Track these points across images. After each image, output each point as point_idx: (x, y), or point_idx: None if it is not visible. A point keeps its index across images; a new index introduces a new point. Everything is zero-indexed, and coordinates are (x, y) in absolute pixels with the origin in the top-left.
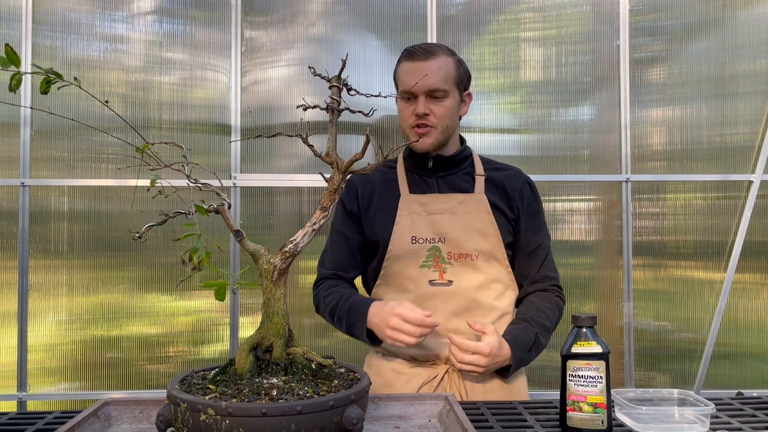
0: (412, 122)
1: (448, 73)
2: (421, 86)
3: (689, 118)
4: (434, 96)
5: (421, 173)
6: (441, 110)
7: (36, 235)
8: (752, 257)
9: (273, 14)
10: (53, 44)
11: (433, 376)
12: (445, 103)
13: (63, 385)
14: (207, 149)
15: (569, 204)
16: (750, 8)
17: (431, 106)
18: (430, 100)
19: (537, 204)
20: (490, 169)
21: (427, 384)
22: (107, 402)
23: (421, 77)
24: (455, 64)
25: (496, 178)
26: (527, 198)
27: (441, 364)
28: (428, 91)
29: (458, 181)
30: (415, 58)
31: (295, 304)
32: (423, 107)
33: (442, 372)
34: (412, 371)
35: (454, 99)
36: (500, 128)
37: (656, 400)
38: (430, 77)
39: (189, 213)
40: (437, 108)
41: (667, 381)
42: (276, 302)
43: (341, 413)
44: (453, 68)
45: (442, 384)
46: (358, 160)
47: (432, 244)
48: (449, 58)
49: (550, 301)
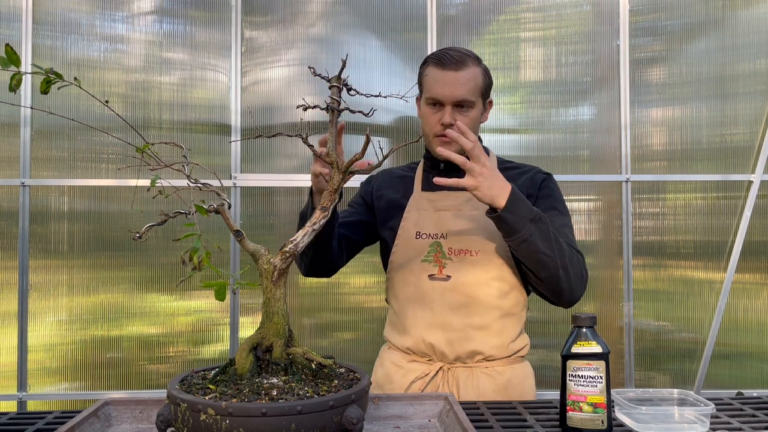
0: (438, 131)
1: (477, 84)
2: (451, 97)
3: (689, 118)
4: (461, 106)
5: (435, 173)
6: (466, 120)
7: (36, 235)
8: (752, 257)
9: (273, 14)
10: (53, 44)
11: (425, 373)
12: (470, 114)
13: (63, 385)
14: (207, 149)
15: (569, 204)
16: (750, 8)
17: (457, 115)
18: (456, 110)
19: (551, 189)
20: (504, 168)
21: (420, 380)
22: (107, 402)
23: (450, 88)
24: (483, 74)
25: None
26: (540, 184)
27: (436, 362)
28: (456, 102)
29: None
30: (445, 66)
31: (295, 304)
32: (449, 118)
33: (435, 369)
34: (408, 365)
35: (479, 109)
36: (500, 128)
37: (656, 400)
38: (460, 89)
39: (189, 213)
40: (463, 118)
41: (667, 381)
42: (276, 302)
43: (341, 413)
44: (481, 79)
45: (434, 380)
46: (358, 160)
47: (434, 239)
48: (477, 68)
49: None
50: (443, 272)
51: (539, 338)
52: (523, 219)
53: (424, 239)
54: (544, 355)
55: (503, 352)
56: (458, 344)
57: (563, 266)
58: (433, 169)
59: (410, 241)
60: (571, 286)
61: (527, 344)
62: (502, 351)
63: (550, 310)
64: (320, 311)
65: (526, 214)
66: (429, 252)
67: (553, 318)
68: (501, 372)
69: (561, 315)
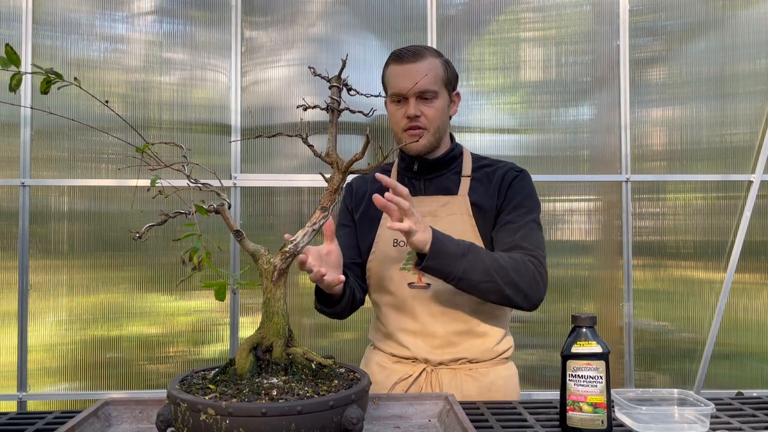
0: (404, 125)
1: (437, 74)
2: (411, 88)
3: (689, 118)
4: (424, 98)
5: (410, 176)
6: (432, 111)
7: (36, 235)
8: (752, 257)
9: (273, 14)
10: (53, 44)
11: (409, 374)
12: (435, 104)
13: (63, 385)
14: (207, 149)
15: (569, 204)
16: (750, 8)
17: (422, 107)
18: (420, 102)
19: (520, 187)
20: (479, 167)
21: (403, 381)
22: (107, 402)
23: (411, 79)
24: (443, 65)
25: (483, 175)
26: (510, 182)
27: (419, 364)
28: (419, 93)
29: (445, 183)
30: (403, 60)
31: (295, 304)
32: (414, 109)
33: (419, 371)
34: (392, 367)
35: (444, 100)
36: (500, 128)
37: (656, 400)
38: (419, 79)
39: (189, 213)
40: (428, 109)
41: (667, 381)
42: (276, 302)
43: (341, 413)
44: (441, 69)
45: (418, 382)
46: (358, 160)
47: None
48: (437, 59)
49: (512, 256)
50: (422, 280)
51: (539, 338)
52: (451, 259)
53: (402, 247)
54: (544, 355)
55: (487, 355)
56: (441, 351)
57: (509, 282)
58: (408, 171)
59: (388, 249)
60: (526, 295)
61: (511, 346)
62: (486, 354)
63: (550, 310)
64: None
65: (454, 252)
66: (407, 260)
67: (553, 318)
68: (485, 374)
69: (561, 315)
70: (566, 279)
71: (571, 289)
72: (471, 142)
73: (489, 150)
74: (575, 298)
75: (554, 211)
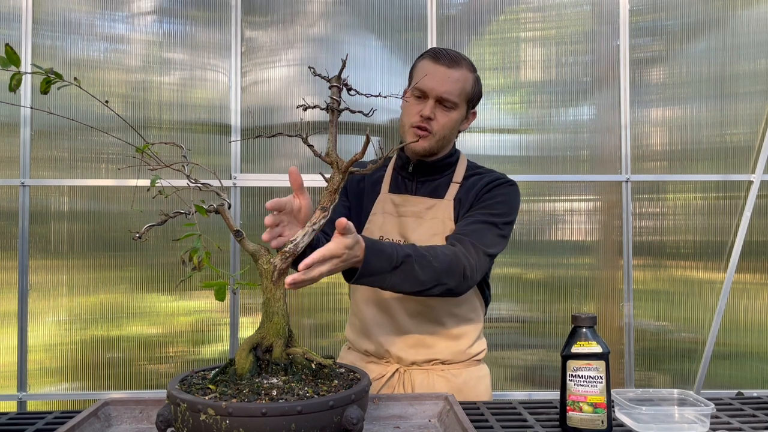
0: (415, 121)
1: (465, 87)
2: (436, 91)
3: (689, 118)
4: (444, 105)
5: (404, 175)
6: (444, 119)
7: (36, 235)
8: (752, 257)
9: (273, 14)
10: (53, 44)
11: (381, 374)
12: (450, 115)
13: (63, 385)
14: (207, 149)
15: (569, 204)
16: (750, 8)
17: (437, 112)
18: (438, 107)
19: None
20: (471, 174)
21: (376, 381)
22: (107, 402)
23: (439, 82)
24: (473, 81)
25: (471, 182)
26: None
27: (393, 363)
28: (440, 98)
29: (437, 187)
30: (439, 61)
31: (295, 304)
32: (429, 111)
33: (392, 371)
34: (365, 367)
35: (460, 113)
36: (500, 128)
37: (656, 400)
38: (447, 85)
39: (189, 213)
40: (442, 116)
41: (667, 381)
42: (276, 302)
43: (341, 413)
44: (471, 84)
45: (390, 382)
46: (358, 160)
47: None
48: (470, 73)
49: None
50: None
51: (539, 338)
52: (380, 276)
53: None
54: (544, 355)
55: (460, 357)
56: (415, 350)
57: (440, 283)
58: (402, 170)
59: None
60: (451, 290)
61: (485, 349)
62: (458, 356)
63: (550, 310)
64: (320, 311)
65: (382, 271)
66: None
67: (553, 318)
68: (456, 374)
69: (561, 315)
70: (566, 279)
71: (571, 289)
72: (471, 142)
73: (488, 150)
74: (575, 298)
75: (554, 211)
